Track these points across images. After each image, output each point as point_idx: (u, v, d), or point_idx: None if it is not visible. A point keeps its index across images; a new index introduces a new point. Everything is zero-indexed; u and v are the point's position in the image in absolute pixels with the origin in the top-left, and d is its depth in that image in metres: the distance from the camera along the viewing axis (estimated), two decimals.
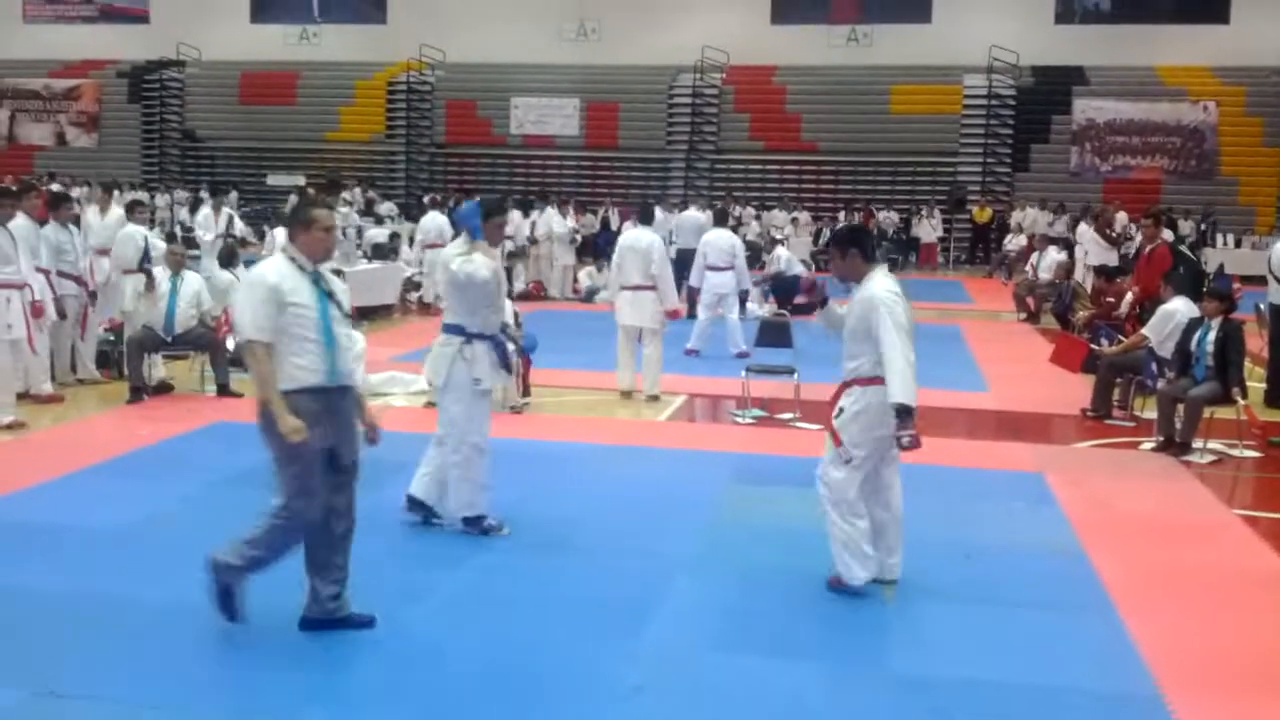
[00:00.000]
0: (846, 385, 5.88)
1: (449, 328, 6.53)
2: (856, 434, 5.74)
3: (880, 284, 5.76)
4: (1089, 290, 15.29)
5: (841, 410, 5.82)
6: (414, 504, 6.71)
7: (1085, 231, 18.73)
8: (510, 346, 6.98)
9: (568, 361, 12.04)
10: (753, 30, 30.55)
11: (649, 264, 10.62)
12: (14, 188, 11.04)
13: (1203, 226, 24.84)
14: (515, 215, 20.81)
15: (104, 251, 11.77)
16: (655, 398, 10.72)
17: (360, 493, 5.22)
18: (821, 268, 24.49)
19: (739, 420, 10.12)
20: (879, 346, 5.62)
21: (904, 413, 5.55)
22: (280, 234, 19.18)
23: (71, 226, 10.85)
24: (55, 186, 19.39)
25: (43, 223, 10.29)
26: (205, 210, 17.91)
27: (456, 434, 6.49)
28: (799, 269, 18.16)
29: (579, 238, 20.38)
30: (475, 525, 6.59)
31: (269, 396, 4.89)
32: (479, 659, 4.99)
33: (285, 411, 4.85)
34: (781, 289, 18.75)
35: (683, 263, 15.91)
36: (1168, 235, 15.38)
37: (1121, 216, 21.61)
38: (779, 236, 23.52)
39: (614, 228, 26.88)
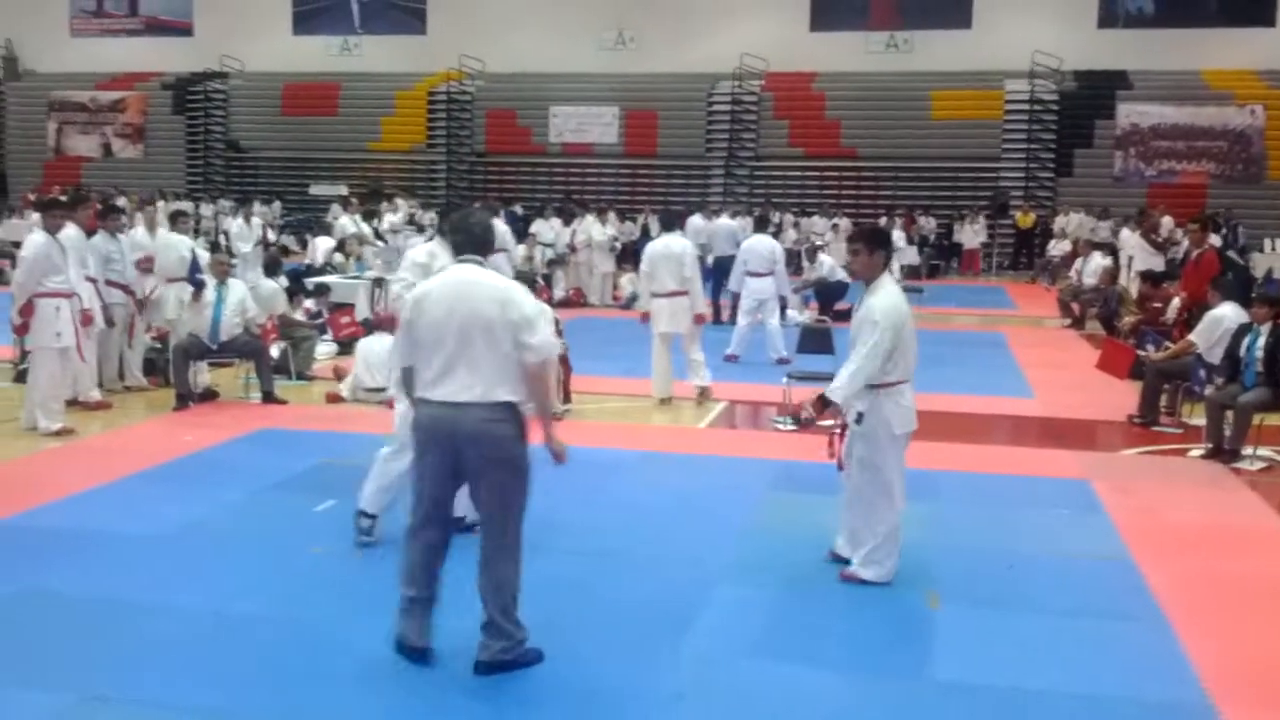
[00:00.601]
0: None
1: None
2: (874, 440, 5.93)
3: (888, 294, 5.93)
4: (1135, 296, 15.13)
5: (861, 416, 5.92)
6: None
7: (1129, 237, 18.53)
8: None
9: (608, 369, 12.05)
10: (791, 37, 30.48)
11: (682, 269, 10.68)
12: (64, 198, 11.21)
13: (1223, 231, 24.44)
14: (555, 223, 20.94)
15: (146, 265, 11.58)
16: (704, 392, 10.80)
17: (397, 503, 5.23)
18: None
19: (780, 427, 10.07)
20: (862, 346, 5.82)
21: (825, 402, 5.84)
22: (323, 242, 19.41)
23: (120, 236, 10.98)
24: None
25: (91, 232, 10.43)
26: (239, 220, 18.01)
27: (402, 433, 6.28)
28: (841, 275, 18.06)
29: (618, 245, 20.41)
30: (363, 518, 6.50)
31: (550, 418, 4.99)
32: (519, 669, 4.98)
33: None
34: (824, 295, 18.74)
35: (721, 270, 15.89)
36: (1215, 240, 15.17)
37: (1167, 221, 21.34)
38: (820, 243, 23.41)
39: (653, 235, 26.94)
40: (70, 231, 9.78)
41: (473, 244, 5.01)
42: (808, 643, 5.35)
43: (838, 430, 6.20)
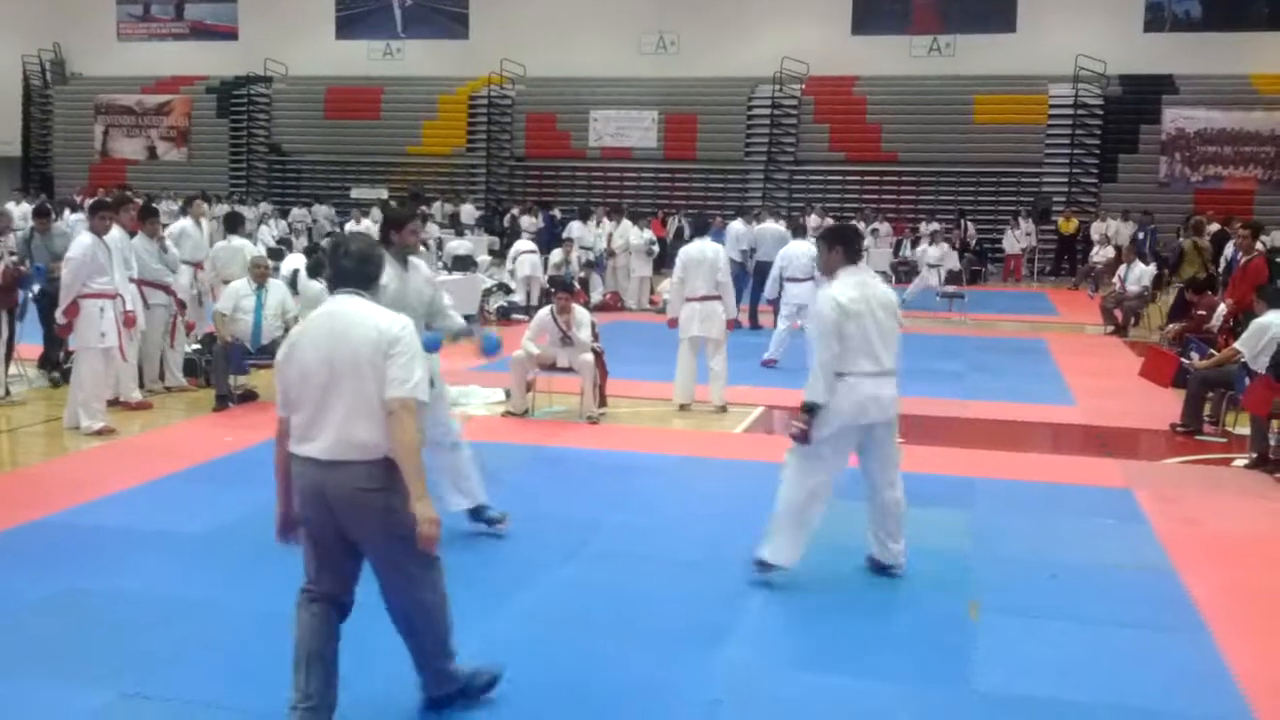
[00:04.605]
0: None
1: None
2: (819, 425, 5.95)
3: (834, 288, 5.99)
4: (1181, 300, 14.95)
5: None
6: (472, 515, 6.78)
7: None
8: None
9: (644, 373, 12.02)
10: (833, 41, 30.37)
11: (716, 273, 10.64)
12: (109, 200, 11.34)
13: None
14: (593, 226, 20.98)
15: (198, 264, 12.10)
16: (723, 409, 10.67)
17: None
18: (901, 279, 24.26)
19: None
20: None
21: (805, 409, 5.90)
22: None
23: (161, 238, 11.13)
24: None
25: (132, 234, 10.54)
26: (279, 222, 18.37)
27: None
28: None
29: (655, 249, 20.40)
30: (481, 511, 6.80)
31: (418, 482, 4.17)
32: (554, 674, 4.98)
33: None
34: None
35: (764, 275, 15.85)
36: (1261, 246, 14.94)
37: (1214, 228, 21.06)
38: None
39: (686, 238, 26.92)
40: (115, 233, 9.89)
41: (351, 274, 4.30)
42: (845, 650, 5.30)
43: None
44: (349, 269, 4.28)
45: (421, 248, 18.18)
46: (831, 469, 6.01)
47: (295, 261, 13.25)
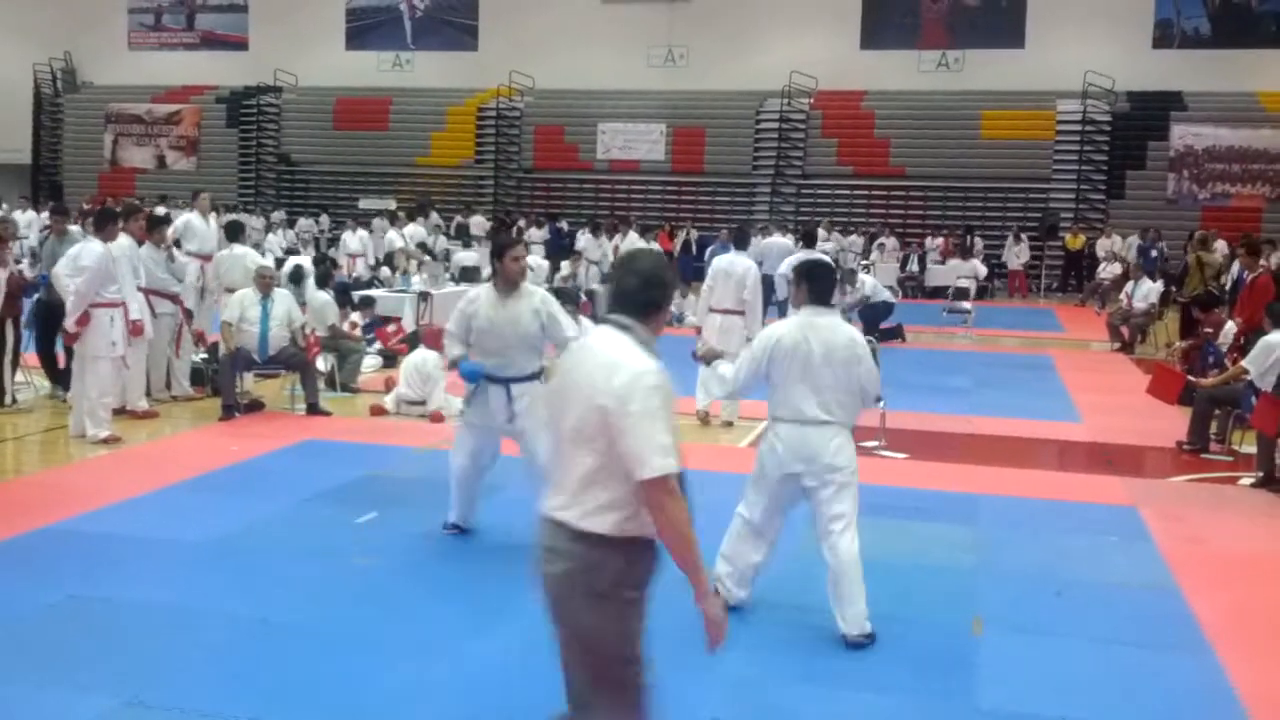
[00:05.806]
0: None
1: None
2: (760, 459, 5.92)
3: (778, 325, 5.82)
4: (1189, 317, 14.91)
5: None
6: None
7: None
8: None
9: None
10: (841, 55, 30.39)
11: (742, 290, 10.59)
12: (118, 209, 11.39)
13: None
14: (603, 239, 21.02)
15: (205, 258, 12.31)
16: (730, 424, 10.67)
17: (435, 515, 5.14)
18: (908, 294, 24.26)
19: None
20: None
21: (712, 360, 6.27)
22: (352, 240, 19.37)
23: (168, 248, 11.20)
24: (161, 209, 19.80)
25: (139, 244, 10.57)
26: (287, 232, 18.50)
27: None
28: (885, 295, 17.95)
29: None
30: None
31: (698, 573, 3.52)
32: (554, 687, 4.96)
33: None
34: (868, 316, 18.59)
35: (769, 288, 15.85)
36: (1264, 263, 14.92)
37: (1220, 245, 21.05)
38: (866, 262, 23.30)
39: (693, 251, 26.94)
40: (123, 242, 9.93)
41: (623, 295, 3.49)
42: (847, 665, 5.29)
43: None
44: (626, 288, 3.47)
45: (429, 256, 18.23)
46: (765, 515, 5.85)
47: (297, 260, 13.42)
